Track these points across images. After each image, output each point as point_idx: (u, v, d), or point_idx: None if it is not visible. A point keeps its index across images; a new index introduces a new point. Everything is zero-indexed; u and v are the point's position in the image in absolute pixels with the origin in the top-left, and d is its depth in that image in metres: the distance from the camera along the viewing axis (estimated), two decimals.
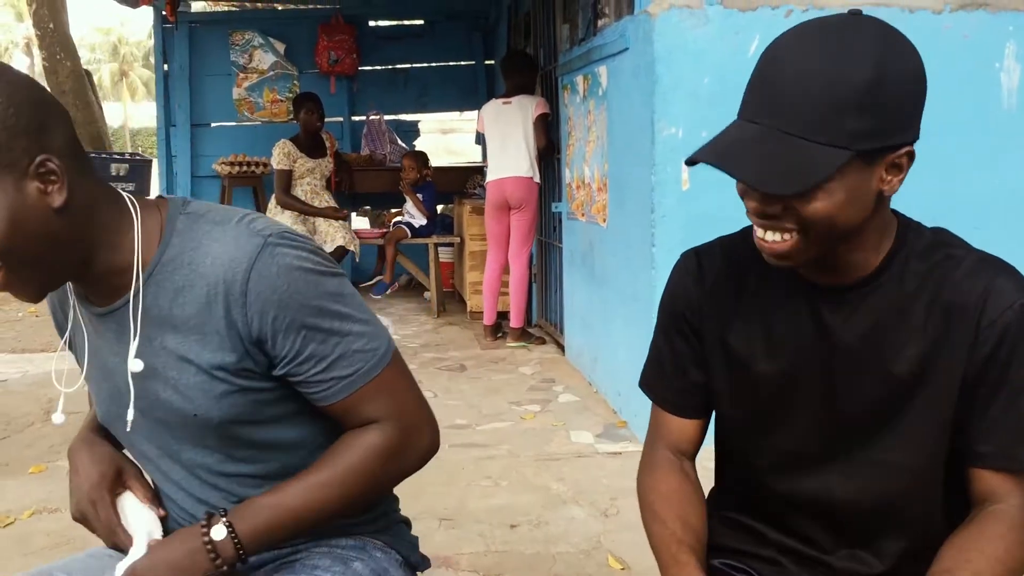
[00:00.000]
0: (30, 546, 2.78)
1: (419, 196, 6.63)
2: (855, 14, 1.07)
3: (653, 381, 1.37)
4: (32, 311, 7.00)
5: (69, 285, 1.25)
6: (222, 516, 1.19)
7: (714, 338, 1.28)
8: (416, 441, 1.26)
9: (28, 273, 1.10)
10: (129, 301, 1.18)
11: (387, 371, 1.22)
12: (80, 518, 1.29)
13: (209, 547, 1.16)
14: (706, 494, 1.40)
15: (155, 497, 1.30)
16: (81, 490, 1.27)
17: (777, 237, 1.08)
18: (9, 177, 1.04)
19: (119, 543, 1.26)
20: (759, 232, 1.10)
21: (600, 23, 4.53)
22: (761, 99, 1.05)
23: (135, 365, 1.18)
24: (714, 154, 1.06)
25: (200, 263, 1.15)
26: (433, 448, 1.30)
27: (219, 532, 1.17)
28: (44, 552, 2.72)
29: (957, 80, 3.52)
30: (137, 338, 1.18)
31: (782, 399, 1.23)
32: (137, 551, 1.23)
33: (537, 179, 5.41)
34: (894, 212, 1.19)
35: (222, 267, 1.14)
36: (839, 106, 1.00)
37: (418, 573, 1.45)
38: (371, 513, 1.36)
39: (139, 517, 1.27)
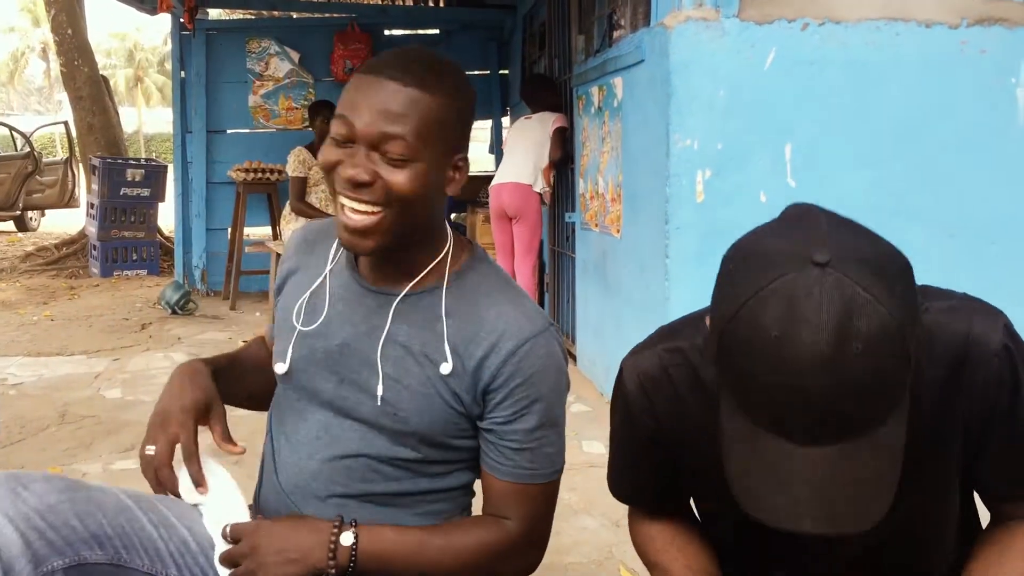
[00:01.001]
0: None
1: None
2: (825, 263, 0.87)
3: (630, 494, 1.36)
4: (47, 315, 7.04)
5: (345, 253, 1.39)
6: (353, 526, 1.26)
7: (681, 462, 1.23)
8: (528, 554, 1.36)
9: (395, 224, 1.24)
10: (399, 294, 1.32)
11: (549, 486, 1.35)
12: (157, 423, 1.31)
13: (332, 547, 1.24)
14: None
15: (229, 439, 1.35)
16: (171, 400, 1.33)
17: None
18: (448, 154, 1.26)
19: (162, 478, 1.29)
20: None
21: (616, 35, 4.55)
22: (821, 421, 0.88)
23: (445, 368, 1.28)
24: (815, 520, 0.89)
25: (485, 308, 1.30)
26: (534, 568, 1.39)
27: (347, 539, 1.25)
28: None
29: (973, 95, 3.52)
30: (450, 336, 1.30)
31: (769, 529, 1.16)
32: (224, 515, 1.28)
33: (537, 188, 5.43)
34: None
35: (504, 324, 1.28)
36: (899, 379, 0.89)
37: None
38: None
39: (227, 485, 1.33)
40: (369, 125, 1.19)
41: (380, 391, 1.29)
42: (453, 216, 7.36)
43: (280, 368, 1.37)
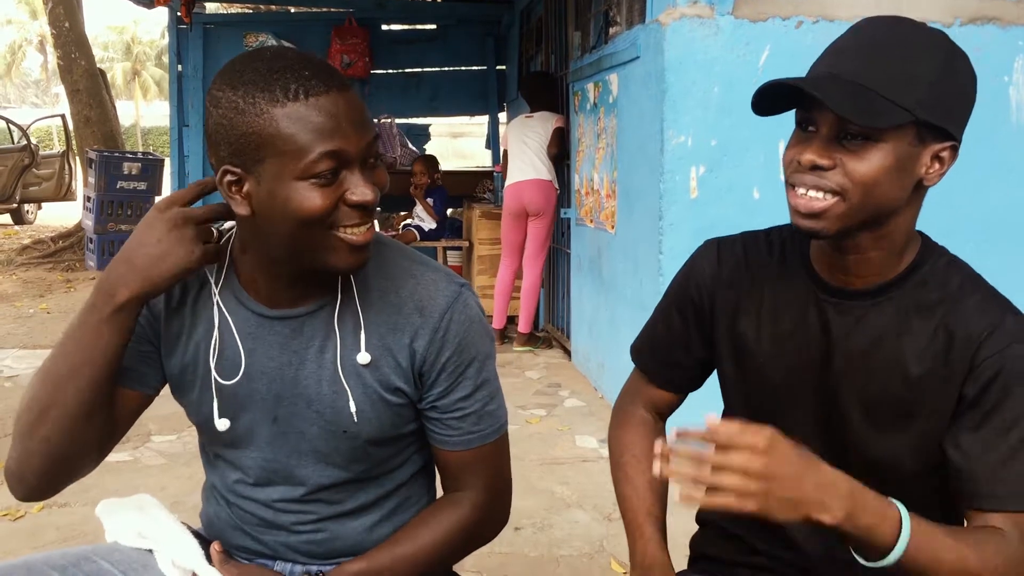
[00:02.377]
0: (40, 539, 2.82)
1: (429, 200, 6.66)
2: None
3: (642, 350, 1.45)
4: (43, 308, 7.05)
5: (214, 287, 1.26)
6: None
7: (724, 326, 1.32)
8: (495, 515, 1.35)
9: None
10: (321, 307, 1.24)
11: (500, 440, 1.32)
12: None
13: None
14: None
15: None
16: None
17: (819, 195, 1.11)
18: None
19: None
20: (800, 191, 1.13)
21: (611, 31, 4.56)
22: (838, 57, 1.12)
23: (363, 358, 1.23)
24: (802, 82, 1.10)
25: (394, 294, 1.24)
26: (504, 523, 1.38)
27: None
28: (54, 546, 2.75)
29: None
30: (364, 336, 1.23)
31: (784, 394, 1.26)
32: (177, 555, 1.27)
33: (556, 184, 5.46)
34: (920, 233, 1.22)
35: (417, 303, 1.23)
36: (915, 75, 1.08)
37: None
38: None
39: (174, 526, 1.31)
40: (361, 139, 1.13)
41: (324, 415, 1.24)
42: (449, 212, 7.36)
43: (222, 425, 1.27)
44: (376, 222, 8.73)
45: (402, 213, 7.46)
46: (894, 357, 1.17)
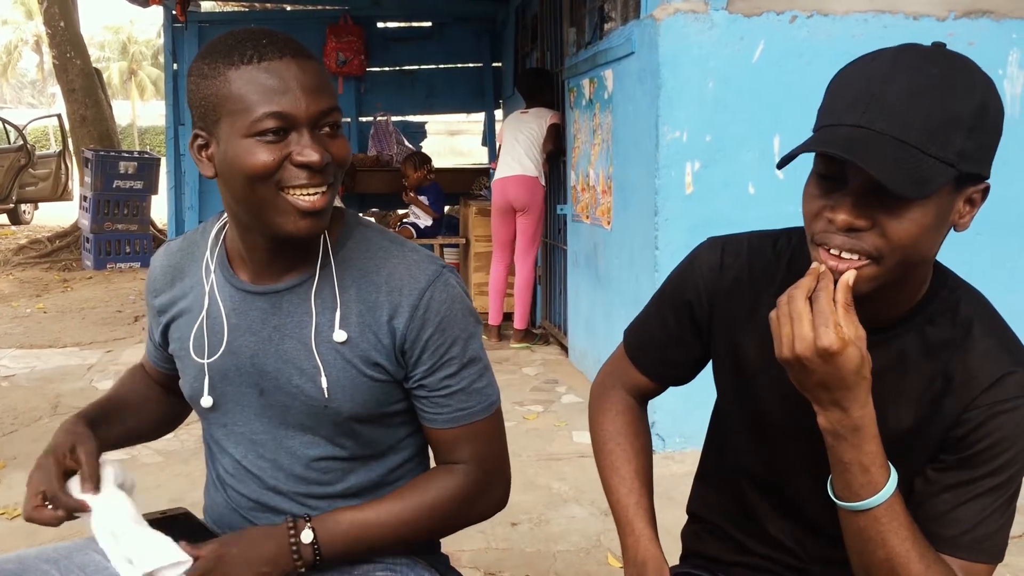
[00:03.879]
0: (37, 538, 2.81)
1: (423, 198, 6.65)
2: (941, 45, 1.05)
3: (634, 341, 1.40)
4: (40, 307, 7.04)
5: (208, 263, 1.33)
6: (307, 521, 1.27)
7: (724, 340, 1.28)
8: (491, 491, 1.36)
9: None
10: (300, 283, 1.28)
11: (491, 418, 1.34)
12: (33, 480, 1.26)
13: (295, 548, 1.25)
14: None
15: (97, 479, 1.27)
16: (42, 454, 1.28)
17: (852, 257, 1.03)
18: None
19: (42, 520, 1.24)
20: (832, 251, 1.04)
21: (606, 27, 4.56)
22: (869, 107, 1.00)
23: (339, 336, 1.26)
24: (838, 146, 0.99)
25: (375, 273, 1.28)
26: (503, 503, 1.39)
27: (307, 536, 1.26)
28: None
29: None
30: (339, 311, 1.27)
31: (781, 417, 1.23)
32: (111, 520, 1.23)
33: (543, 181, 5.45)
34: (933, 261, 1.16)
35: (397, 282, 1.26)
36: (953, 122, 0.99)
37: None
38: None
39: (117, 494, 1.26)
40: (312, 104, 1.16)
41: (304, 388, 1.27)
42: (446, 208, 7.36)
43: (207, 402, 1.33)
44: (373, 219, 8.75)
45: (400, 212, 7.45)
46: (891, 400, 1.13)
